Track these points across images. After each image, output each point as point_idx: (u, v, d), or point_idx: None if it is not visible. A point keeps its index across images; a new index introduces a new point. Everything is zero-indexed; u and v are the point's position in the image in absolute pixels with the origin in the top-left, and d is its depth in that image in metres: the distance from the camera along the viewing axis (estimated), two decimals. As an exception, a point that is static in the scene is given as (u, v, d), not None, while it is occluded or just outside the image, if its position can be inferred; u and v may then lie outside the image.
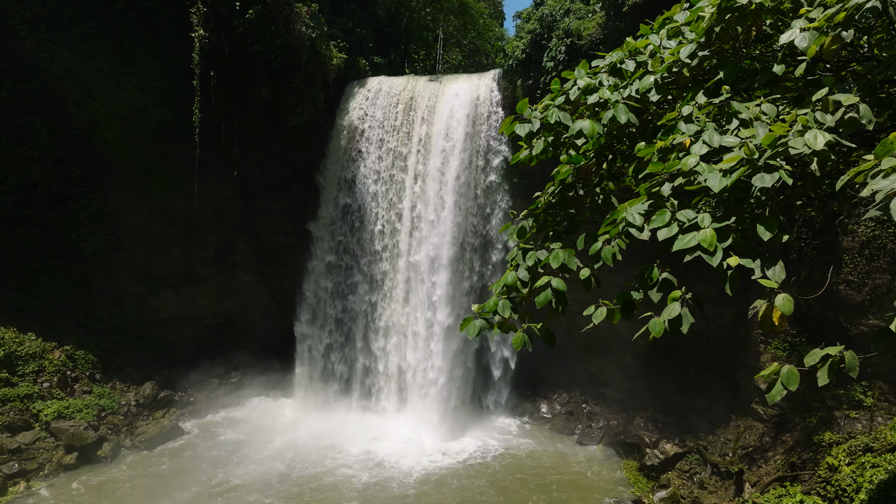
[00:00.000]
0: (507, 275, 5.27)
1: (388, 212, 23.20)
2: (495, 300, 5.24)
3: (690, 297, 4.09)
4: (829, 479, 12.87)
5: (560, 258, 4.93)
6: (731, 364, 19.36)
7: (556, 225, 5.51)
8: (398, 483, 17.86)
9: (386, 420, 21.79)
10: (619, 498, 17.08)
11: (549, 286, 4.88)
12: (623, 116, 4.71)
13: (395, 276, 22.90)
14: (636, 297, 4.45)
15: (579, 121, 4.95)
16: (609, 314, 4.91)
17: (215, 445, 20.31)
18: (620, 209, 4.34)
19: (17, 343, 19.45)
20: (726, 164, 3.72)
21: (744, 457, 16.30)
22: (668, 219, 3.91)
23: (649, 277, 4.17)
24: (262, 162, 25.06)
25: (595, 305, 4.74)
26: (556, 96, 5.54)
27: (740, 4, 4.19)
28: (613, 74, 5.30)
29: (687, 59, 4.64)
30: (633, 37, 5.74)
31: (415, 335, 22.23)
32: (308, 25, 21.84)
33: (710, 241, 3.68)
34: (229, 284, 25.90)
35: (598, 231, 5.15)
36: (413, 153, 22.87)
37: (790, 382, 3.89)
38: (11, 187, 21.07)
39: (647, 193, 4.25)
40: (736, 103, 4.08)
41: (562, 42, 20.27)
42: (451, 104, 22.62)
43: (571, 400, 23.40)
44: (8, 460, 17.00)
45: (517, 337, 5.13)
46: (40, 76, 21.21)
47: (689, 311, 4.09)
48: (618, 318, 4.65)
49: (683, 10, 5.41)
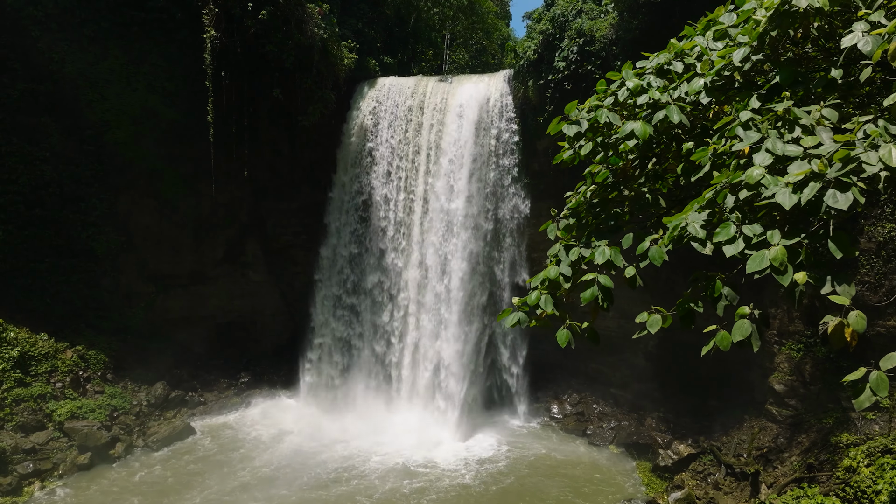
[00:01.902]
0: (549, 269, 5.25)
1: (400, 211, 23.20)
2: (538, 294, 5.23)
3: (759, 313, 4.05)
4: (848, 480, 12.85)
5: (605, 255, 4.93)
6: (743, 364, 19.34)
7: (599, 223, 5.50)
8: (411, 483, 17.85)
9: (398, 420, 21.77)
10: (634, 498, 17.07)
11: (595, 282, 4.87)
12: (676, 117, 4.70)
13: (407, 275, 22.90)
14: (697, 309, 4.42)
15: (630, 122, 4.94)
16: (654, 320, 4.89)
17: (227, 446, 20.31)
18: (678, 216, 4.31)
19: (29, 343, 19.47)
20: (793, 177, 3.69)
21: (759, 458, 16.29)
22: (734, 233, 3.88)
23: (712, 290, 4.14)
24: (272, 162, 25.07)
25: (648, 312, 4.72)
26: (604, 97, 5.52)
27: (799, 8, 4.17)
28: (660, 76, 5.29)
29: (739, 63, 4.63)
30: (676, 38, 5.73)
31: (427, 335, 22.22)
32: (320, 26, 21.85)
33: (782, 259, 3.66)
34: (239, 285, 25.91)
35: (641, 230, 5.15)
36: (424, 153, 22.87)
37: (880, 389, 3.82)
38: (23, 187, 21.05)
39: (703, 201, 4.22)
40: (797, 109, 4.06)
41: (574, 42, 20.26)
42: (462, 104, 22.62)
43: (582, 400, 23.40)
44: (23, 460, 17.02)
45: (561, 333, 5.12)
46: (52, 76, 21.21)
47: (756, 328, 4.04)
48: (668, 322, 4.63)
49: (728, 12, 5.39)
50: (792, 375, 17.03)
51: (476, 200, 22.20)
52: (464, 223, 22.09)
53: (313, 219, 25.28)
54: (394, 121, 23.56)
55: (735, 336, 4.04)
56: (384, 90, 24.23)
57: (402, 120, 23.46)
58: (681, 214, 4.34)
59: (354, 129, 24.10)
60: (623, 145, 5.47)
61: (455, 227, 22.11)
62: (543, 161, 22.77)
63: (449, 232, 22.16)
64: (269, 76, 22.35)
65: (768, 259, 3.69)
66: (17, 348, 18.84)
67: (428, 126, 22.95)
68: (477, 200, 22.22)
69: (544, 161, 22.80)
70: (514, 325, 5.28)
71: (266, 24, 20.94)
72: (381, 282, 23.48)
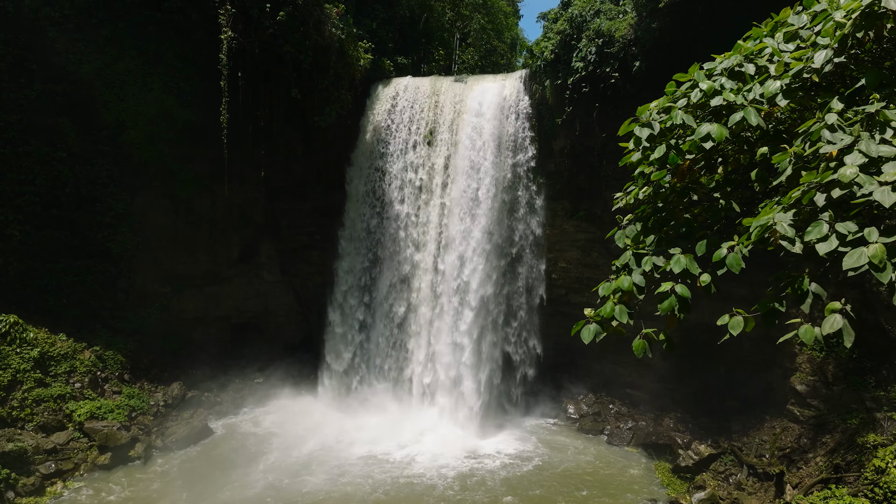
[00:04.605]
0: (622, 279, 5.25)
1: (416, 213, 23.19)
2: (612, 304, 5.22)
3: (850, 308, 4.05)
4: (877, 481, 12.84)
5: (682, 263, 4.92)
6: (763, 365, 19.33)
7: (669, 230, 5.48)
8: (429, 484, 17.83)
9: (415, 421, 21.75)
10: (655, 498, 17.06)
11: (672, 292, 4.87)
12: (754, 119, 4.69)
13: (424, 278, 22.90)
14: (780, 308, 4.42)
15: (705, 124, 4.93)
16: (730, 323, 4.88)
17: (245, 446, 20.31)
18: (761, 217, 4.31)
19: (48, 343, 19.47)
20: (890, 176, 3.69)
21: (781, 458, 16.28)
22: (826, 231, 3.88)
23: (799, 289, 4.13)
24: (287, 163, 25.05)
25: (729, 314, 4.71)
26: (675, 99, 5.51)
27: (888, 10, 4.16)
28: (731, 78, 5.28)
29: (820, 65, 4.62)
30: (742, 39, 5.72)
31: (444, 337, 22.22)
32: (337, 26, 21.84)
33: (881, 256, 3.65)
34: (253, 285, 25.92)
35: (713, 236, 5.13)
36: (440, 153, 22.87)
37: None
38: (39, 188, 21.05)
39: (788, 201, 4.21)
40: (888, 111, 4.06)
41: (592, 43, 20.24)
42: (479, 104, 22.62)
43: (598, 401, 23.40)
44: (45, 460, 17.02)
45: (638, 343, 5.12)
46: (69, 77, 21.20)
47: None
48: (751, 325, 4.63)
49: (796, 13, 5.38)
50: (814, 376, 17.02)
51: (492, 200, 22.18)
52: (481, 224, 22.07)
53: (328, 219, 25.28)
54: (409, 121, 23.55)
55: (824, 329, 4.04)
56: (399, 90, 24.23)
57: (417, 120, 23.45)
58: (763, 215, 4.33)
59: (369, 129, 24.09)
60: (685, 144, 5.45)
61: (471, 228, 22.09)
62: (559, 161, 22.78)
63: (465, 234, 22.14)
64: (286, 77, 22.33)
65: (867, 256, 3.69)
66: (37, 349, 18.84)
67: (444, 126, 22.95)
68: (493, 200, 22.20)
69: (560, 161, 22.81)
70: (591, 339, 5.25)
71: (284, 24, 20.92)
72: (398, 281, 23.46)
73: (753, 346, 19.55)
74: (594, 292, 21.05)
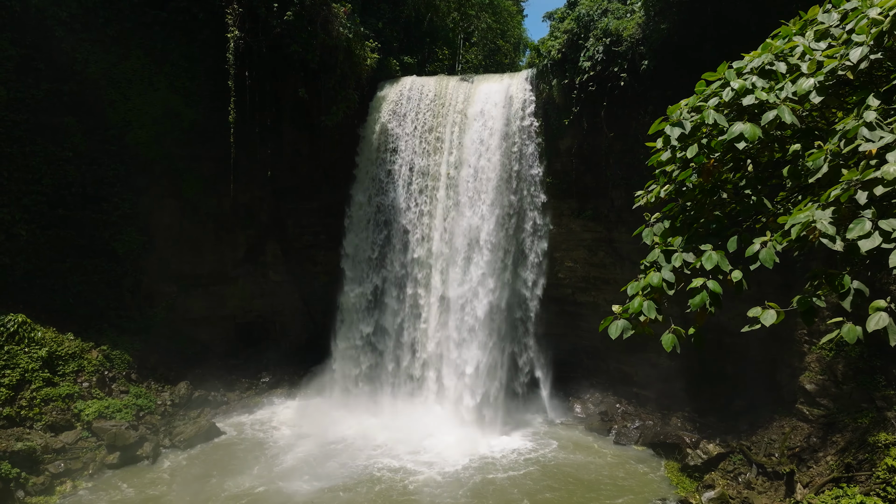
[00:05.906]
0: (651, 276, 5.25)
1: (421, 213, 23.18)
2: (640, 301, 5.22)
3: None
4: (890, 480, 12.85)
5: (713, 260, 4.92)
6: (771, 364, 19.34)
7: (699, 227, 5.48)
8: (438, 484, 17.82)
9: (422, 421, 21.72)
10: (665, 498, 17.06)
11: (704, 288, 4.87)
12: (788, 117, 4.69)
13: (430, 278, 22.89)
14: (819, 304, 4.42)
15: (738, 123, 4.93)
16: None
17: (253, 446, 20.31)
18: (798, 214, 4.30)
19: (56, 343, 19.47)
20: None
21: (791, 457, 16.27)
22: (869, 229, 3.88)
23: (840, 285, 4.13)
24: (293, 162, 25.05)
25: (762, 307, 4.71)
26: (705, 98, 5.51)
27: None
28: (762, 76, 5.28)
29: (855, 62, 4.61)
30: (770, 37, 5.71)
31: (452, 337, 22.21)
32: (345, 26, 21.84)
33: None
34: (259, 284, 25.91)
35: (745, 232, 5.13)
36: (446, 152, 22.86)
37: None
38: (46, 187, 21.04)
39: (826, 199, 4.21)
40: (929, 108, 4.07)
41: (600, 42, 20.23)
42: (485, 103, 22.61)
43: (604, 400, 23.40)
44: (54, 460, 17.02)
45: (667, 337, 5.12)
46: (76, 77, 21.20)
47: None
48: (781, 317, 4.63)
49: (825, 11, 5.38)
50: (823, 375, 17.02)
51: (499, 200, 22.18)
52: (486, 224, 22.06)
53: (333, 219, 25.26)
54: (415, 120, 23.54)
55: (869, 326, 4.04)
56: (405, 89, 24.22)
57: (423, 119, 23.44)
58: (800, 213, 4.33)
59: (376, 128, 24.08)
60: (713, 142, 5.44)
61: (477, 228, 22.08)
62: (566, 161, 22.77)
63: (472, 231, 22.14)
64: (293, 76, 22.33)
65: None
66: (45, 348, 18.84)
67: (450, 125, 22.94)
68: (499, 200, 22.20)
69: (567, 161, 22.81)
70: (618, 334, 5.26)
71: (291, 24, 20.92)
72: (405, 280, 23.45)
73: (760, 345, 19.56)
74: (601, 292, 21.11)
